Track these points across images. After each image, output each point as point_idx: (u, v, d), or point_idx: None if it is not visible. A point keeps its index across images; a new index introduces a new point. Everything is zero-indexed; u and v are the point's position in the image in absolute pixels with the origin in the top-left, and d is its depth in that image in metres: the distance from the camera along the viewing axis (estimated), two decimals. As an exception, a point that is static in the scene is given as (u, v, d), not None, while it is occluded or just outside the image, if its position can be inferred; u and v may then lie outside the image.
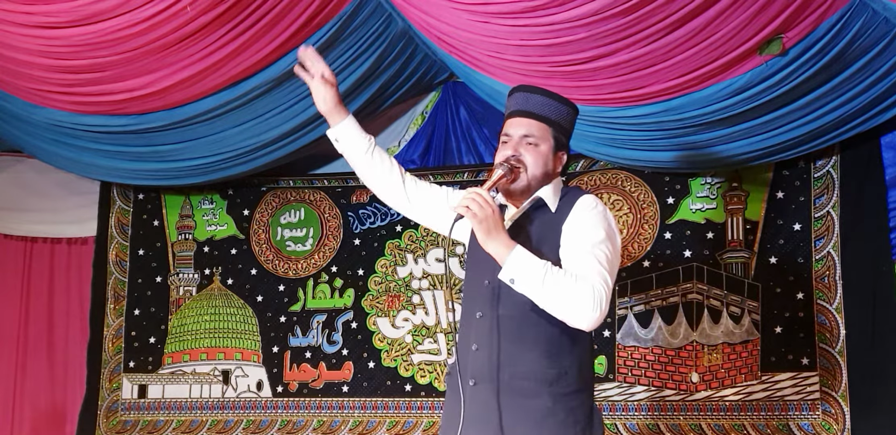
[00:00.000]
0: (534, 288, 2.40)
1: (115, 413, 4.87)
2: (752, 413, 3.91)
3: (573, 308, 2.39)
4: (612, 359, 4.14)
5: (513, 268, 2.40)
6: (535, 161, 2.56)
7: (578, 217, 2.52)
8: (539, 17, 3.10)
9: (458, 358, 2.59)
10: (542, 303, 2.41)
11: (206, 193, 4.97)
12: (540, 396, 2.45)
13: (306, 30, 3.80)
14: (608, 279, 2.44)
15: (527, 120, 2.58)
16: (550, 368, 2.47)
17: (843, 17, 3.06)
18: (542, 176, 2.58)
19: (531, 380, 2.46)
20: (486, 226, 2.41)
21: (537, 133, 2.57)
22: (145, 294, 4.96)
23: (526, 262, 2.40)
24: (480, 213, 2.40)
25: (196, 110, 4.16)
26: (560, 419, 2.45)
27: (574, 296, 2.37)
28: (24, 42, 3.75)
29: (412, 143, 4.70)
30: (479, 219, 2.40)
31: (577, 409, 2.48)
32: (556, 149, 2.60)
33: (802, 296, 3.93)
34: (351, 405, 4.52)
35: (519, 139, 2.57)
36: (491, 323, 2.52)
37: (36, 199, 5.20)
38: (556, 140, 2.59)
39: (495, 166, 2.55)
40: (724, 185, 4.12)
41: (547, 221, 2.56)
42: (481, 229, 2.42)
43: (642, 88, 3.43)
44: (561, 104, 2.62)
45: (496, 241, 2.42)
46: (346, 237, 4.71)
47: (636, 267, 4.18)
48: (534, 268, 2.39)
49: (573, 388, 2.48)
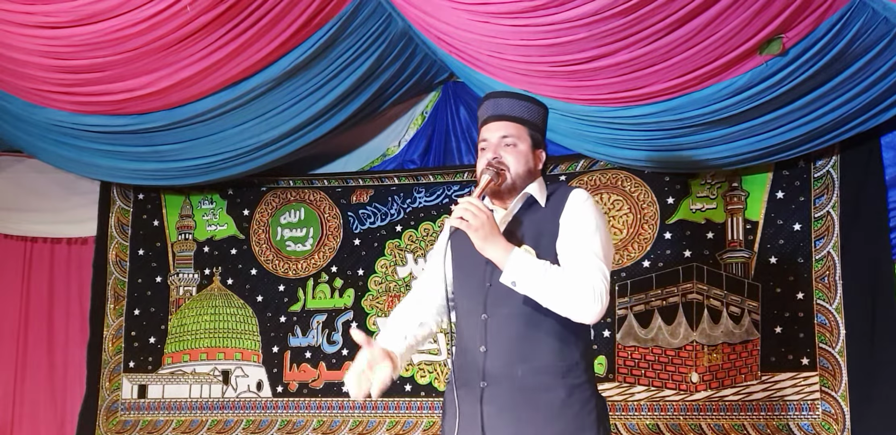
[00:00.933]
0: (535, 288, 2.46)
1: (115, 413, 4.87)
2: (752, 413, 3.91)
3: (575, 304, 2.45)
4: (612, 359, 4.14)
5: (513, 271, 2.47)
6: (517, 160, 2.64)
7: (574, 211, 2.58)
8: (539, 17, 3.10)
9: (462, 362, 2.63)
10: (545, 301, 2.47)
11: (206, 193, 4.97)
12: (555, 388, 2.52)
13: (306, 30, 3.80)
14: (606, 271, 2.50)
15: (501, 122, 2.67)
16: (562, 360, 2.54)
17: (843, 17, 3.06)
18: (525, 174, 2.65)
19: (548, 373, 2.53)
20: (483, 233, 2.48)
21: (514, 133, 2.66)
22: (145, 294, 4.96)
23: (525, 264, 2.47)
24: (475, 221, 2.47)
25: (196, 110, 4.16)
26: (576, 410, 2.52)
27: (575, 292, 2.44)
28: (24, 42, 3.75)
29: (412, 143, 4.70)
30: (474, 228, 2.47)
31: (589, 399, 2.56)
32: (534, 147, 2.69)
33: (802, 296, 3.93)
34: (351, 405, 4.52)
35: (497, 142, 2.66)
36: (499, 323, 2.57)
37: (36, 199, 5.20)
38: (532, 138, 2.68)
39: (480, 173, 2.62)
40: (724, 185, 4.12)
41: (541, 217, 2.62)
42: (478, 237, 2.48)
43: (642, 88, 3.43)
44: (531, 103, 2.71)
45: (494, 245, 2.49)
46: (346, 237, 4.71)
47: (636, 267, 4.18)
48: (534, 269, 2.46)
49: (583, 378, 2.56)
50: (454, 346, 2.69)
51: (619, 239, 4.23)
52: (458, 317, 2.69)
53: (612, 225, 4.25)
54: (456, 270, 2.72)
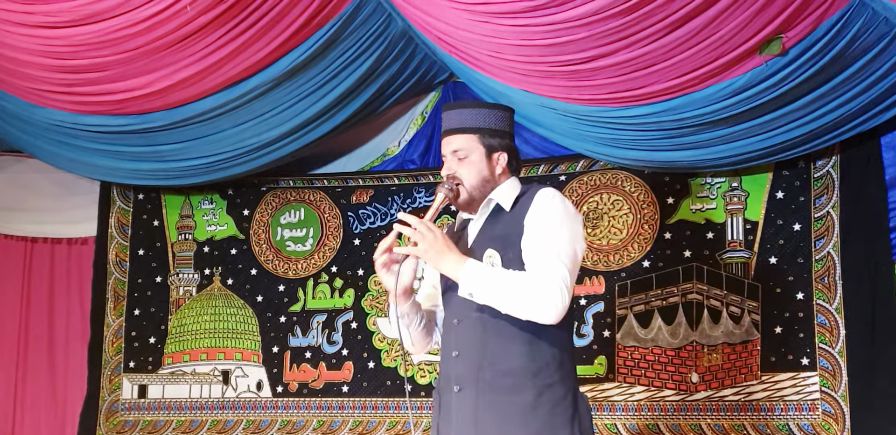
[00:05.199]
0: (491, 297, 2.50)
1: (115, 413, 4.87)
2: (752, 413, 3.91)
3: (532, 308, 2.48)
4: (612, 359, 4.14)
5: (468, 283, 2.50)
6: (469, 172, 2.68)
7: (537, 210, 2.60)
8: (539, 17, 3.10)
9: (442, 367, 2.69)
10: (503, 308, 2.50)
11: (206, 193, 4.97)
12: (524, 390, 2.52)
13: (306, 30, 3.80)
14: (564, 271, 2.49)
15: (450, 137, 2.73)
16: (532, 361, 2.54)
17: (843, 17, 3.06)
18: (480, 183, 2.68)
19: (515, 375, 2.53)
20: (433, 253, 2.52)
21: (464, 145, 2.70)
22: (145, 294, 4.96)
23: (478, 275, 2.50)
24: (423, 243, 2.51)
25: (196, 110, 4.16)
26: (546, 410, 2.52)
27: (530, 297, 2.46)
28: (24, 42, 3.75)
29: (412, 143, 4.70)
30: (422, 250, 2.52)
31: (562, 399, 2.55)
32: (488, 153, 2.70)
33: (802, 296, 3.93)
34: (351, 405, 4.52)
35: (451, 157, 2.71)
36: (469, 327, 2.60)
37: (36, 199, 5.20)
38: (486, 145, 2.70)
39: (436, 190, 2.67)
40: (724, 185, 4.12)
41: (507, 221, 2.64)
42: (430, 258, 2.53)
43: (642, 88, 3.42)
44: (482, 109, 2.74)
45: (446, 261, 2.53)
46: (346, 237, 4.71)
47: (636, 267, 4.18)
48: (486, 279, 2.49)
49: (555, 378, 2.55)
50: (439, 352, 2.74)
51: (619, 239, 4.23)
52: (442, 323, 2.76)
53: (612, 225, 4.25)
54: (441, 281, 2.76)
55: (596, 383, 4.12)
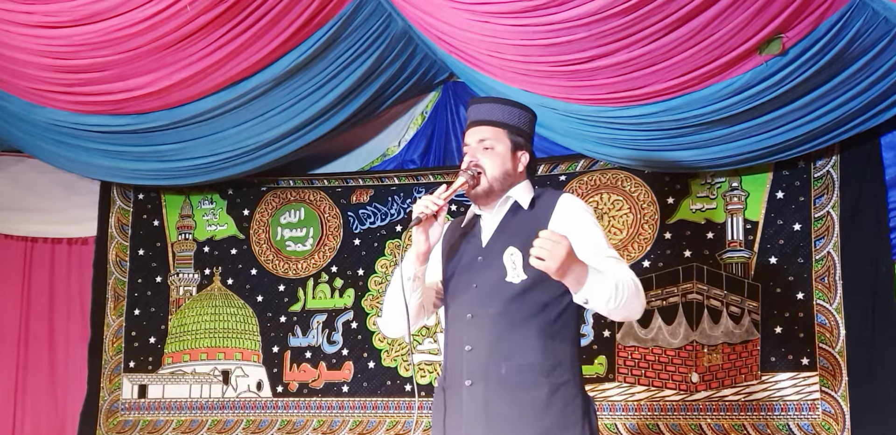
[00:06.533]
0: (605, 303, 2.43)
1: (115, 413, 4.87)
2: (752, 413, 3.91)
3: (634, 309, 2.50)
4: (612, 359, 4.14)
5: (588, 291, 2.41)
6: (493, 162, 2.68)
7: (570, 216, 2.61)
8: (539, 17, 3.10)
9: (449, 362, 2.67)
10: (609, 312, 2.47)
11: (206, 193, 4.98)
12: (538, 387, 2.52)
13: (306, 30, 3.80)
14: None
15: (480, 127, 2.72)
16: (546, 358, 2.54)
17: (843, 17, 3.06)
18: (502, 176, 2.68)
19: (531, 371, 2.54)
20: (566, 266, 2.35)
21: (492, 136, 2.70)
22: (145, 294, 4.96)
23: (596, 282, 2.41)
24: (556, 256, 2.32)
25: (196, 110, 4.16)
26: (559, 408, 2.52)
27: (632, 299, 2.46)
28: (24, 42, 3.76)
29: (412, 143, 4.70)
30: (556, 264, 2.33)
31: (574, 397, 2.56)
32: (514, 149, 2.71)
33: (802, 296, 3.93)
34: (351, 405, 4.52)
35: (476, 145, 2.70)
36: (483, 322, 2.59)
37: (36, 199, 5.20)
38: (513, 141, 2.71)
39: (459, 174, 2.66)
40: (724, 185, 4.12)
41: (526, 220, 2.64)
42: (559, 271, 2.35)
43: (642, 88, 3.43)
44: (513, 107, 2.75)
45: (573, 269, 2.38)
46: (346, 237, 4.71)
47: (636, 267, 4.17)
48: (602, 285, 2.41)
49: (567, 376, 2.56)
50: (444, 348, 2.72)
51: (619, 239, 4.23)
52: (447, 318, 2.73)
53: (611, 225, 4.25)
54: (444, 272, 2.76)
55: (596, 383, 4.12)
